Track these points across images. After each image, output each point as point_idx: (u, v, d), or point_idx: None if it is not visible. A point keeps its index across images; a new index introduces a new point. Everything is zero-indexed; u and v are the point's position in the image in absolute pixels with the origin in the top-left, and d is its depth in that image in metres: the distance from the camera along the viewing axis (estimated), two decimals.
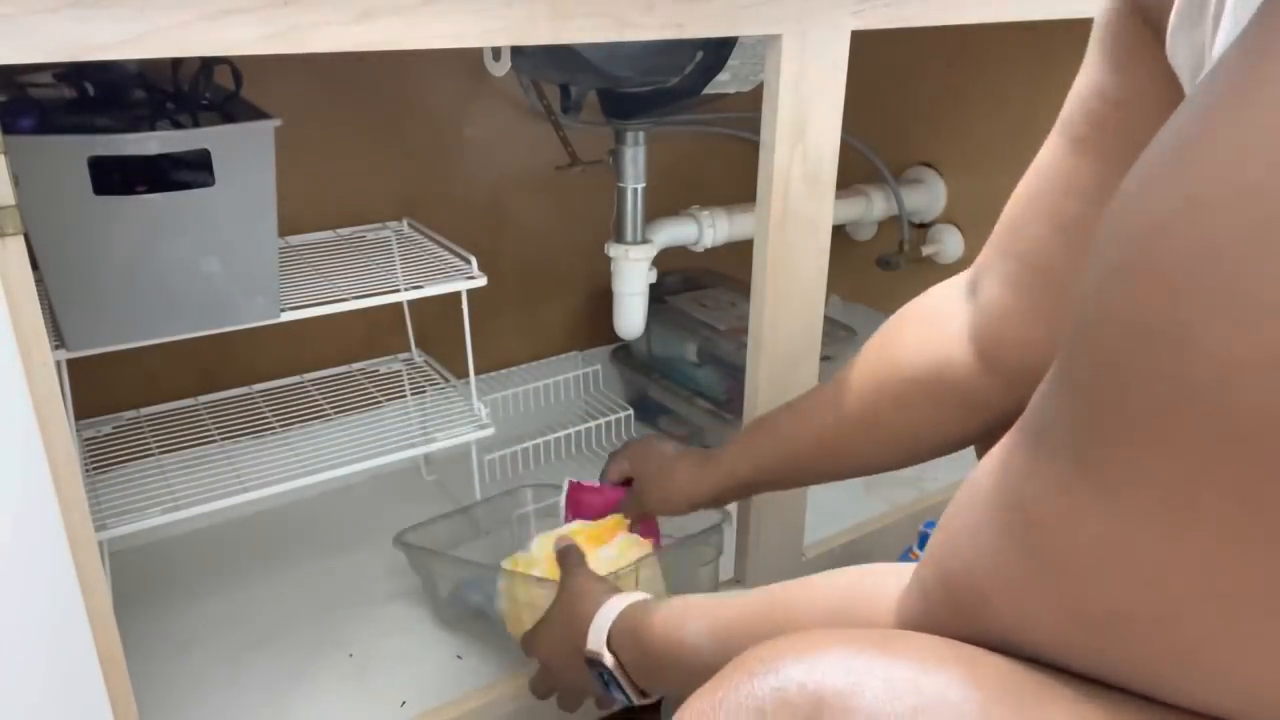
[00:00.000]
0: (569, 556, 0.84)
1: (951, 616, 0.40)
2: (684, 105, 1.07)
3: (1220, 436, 0.27)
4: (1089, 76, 0.57)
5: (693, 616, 0.60)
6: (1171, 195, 0.29)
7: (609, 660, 0.68)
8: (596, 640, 0.69)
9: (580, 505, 0.99)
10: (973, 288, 0.67)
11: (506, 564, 0.94)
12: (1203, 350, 0.27)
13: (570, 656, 0.73)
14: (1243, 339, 0.26)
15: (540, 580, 0.88)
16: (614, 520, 0.97)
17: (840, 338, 1.36)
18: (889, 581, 0.46)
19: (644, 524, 0.96)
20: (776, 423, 0.80)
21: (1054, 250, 0.58)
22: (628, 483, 0.96)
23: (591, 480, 1.00)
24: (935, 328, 0.68)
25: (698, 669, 0.54)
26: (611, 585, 0.77)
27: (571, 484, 1.01)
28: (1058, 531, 0.33)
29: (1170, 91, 0.44)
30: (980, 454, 0.76)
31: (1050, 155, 0.59)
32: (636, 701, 0.69)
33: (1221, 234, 0.27)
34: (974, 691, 0.35)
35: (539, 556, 0.92)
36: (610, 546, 0.93)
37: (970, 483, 0.39)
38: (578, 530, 0.95)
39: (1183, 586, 0.30)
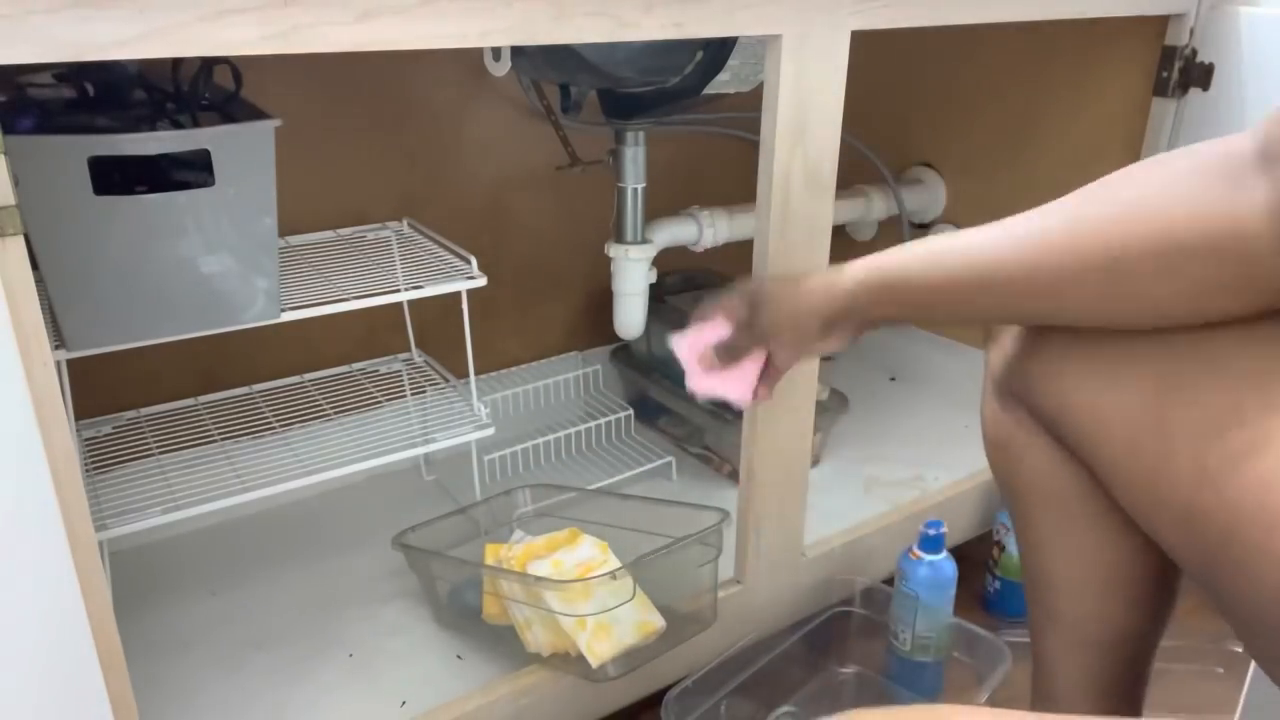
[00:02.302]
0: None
1: None
2: (684, 105, 1.07)
3: None
4: None
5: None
6: None
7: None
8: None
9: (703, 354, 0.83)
10: (1272, 159, 0.56)
11: (489, 557, 0.96)
12: None
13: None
14: None
15: (522, 576, 0.89)
16: (570, 531, 0.98)
17: None
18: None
19: (746, 369, 0.82)
20: (971, 241, 0.68)
21: None
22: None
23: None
24: (1216, 191, 0.57)
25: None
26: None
27: (689, 339, 0.84)
28: None
29: None
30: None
31: None
32: None
33: None
34: None
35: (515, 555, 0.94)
36: (572, 551, 0.93)
37: None
38: (532, 544, 0.96)
39: None
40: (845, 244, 1.58)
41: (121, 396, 1.12)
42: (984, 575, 1.24)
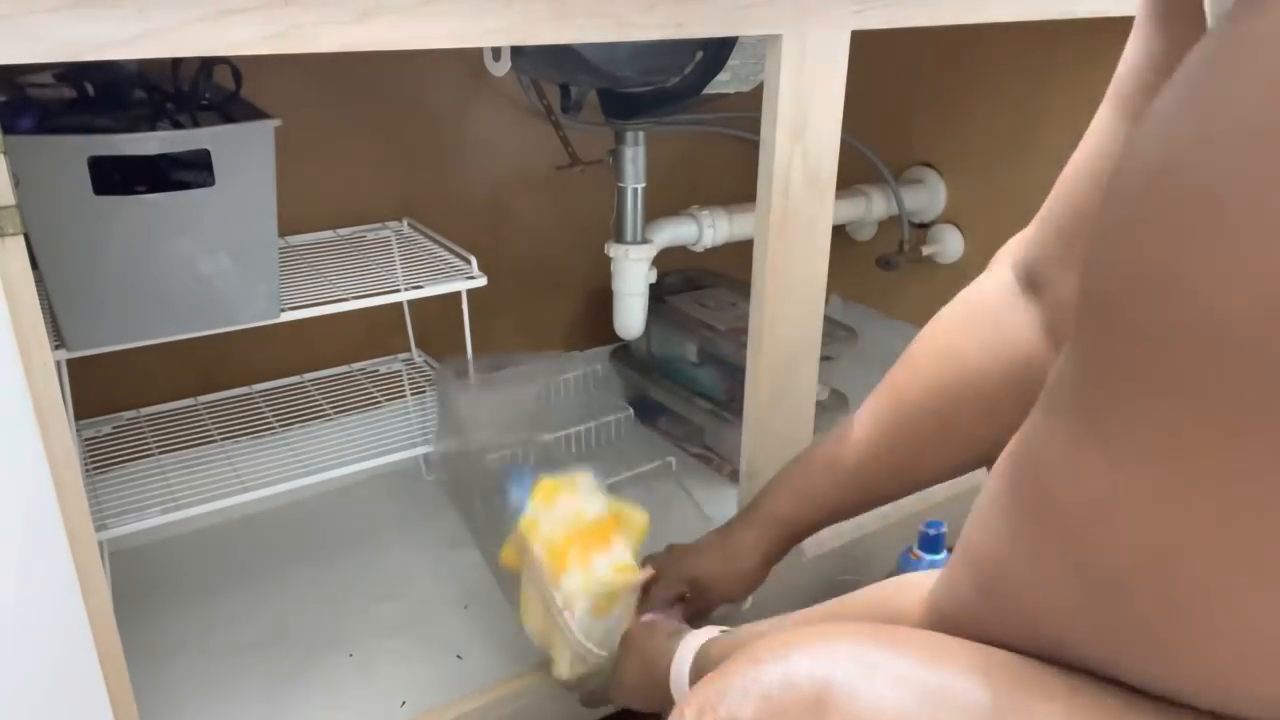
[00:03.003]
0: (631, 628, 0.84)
1: (976, 599, 0.39)
2: (684, 105, 1.07)
3: (1214, 382, 0.27)
4: (1141, 44, 0.53)
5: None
6: (1178, 138, 0.28)
7: None
8: (681, 690, 0.69)
9: None
10: (1033, 282, 0.64)
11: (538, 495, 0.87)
12: (1200, 297, 0.27)
13: (661, 703, 0.73)
14: (1240, 287, 0.26)
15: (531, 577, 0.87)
16: (609, 521, 0.95)
17: (840, 338, 1.36)
18: (925, 584, 0.46)
19: None
20: (832, 461, 0.78)
21: None
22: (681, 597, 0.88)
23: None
24: (1001, 331, 0.66)
25: None
26: (677, 629, 0.76)
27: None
28: (1064, 490, 0.33)
29: None
30: None
31: (1106, 132, 0.56)
32: None
33: (1222, 177, 0.26)
34: (977, 682, 0.36)
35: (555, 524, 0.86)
36: (604, 556, 0.90)
37: (995, 466, 0.39)
38: (570, 536, 0.91)
39: (1178, 536, 0.30)
40: (845, 244, 1.58)
41: (121, 396, 1.12)
42: None
